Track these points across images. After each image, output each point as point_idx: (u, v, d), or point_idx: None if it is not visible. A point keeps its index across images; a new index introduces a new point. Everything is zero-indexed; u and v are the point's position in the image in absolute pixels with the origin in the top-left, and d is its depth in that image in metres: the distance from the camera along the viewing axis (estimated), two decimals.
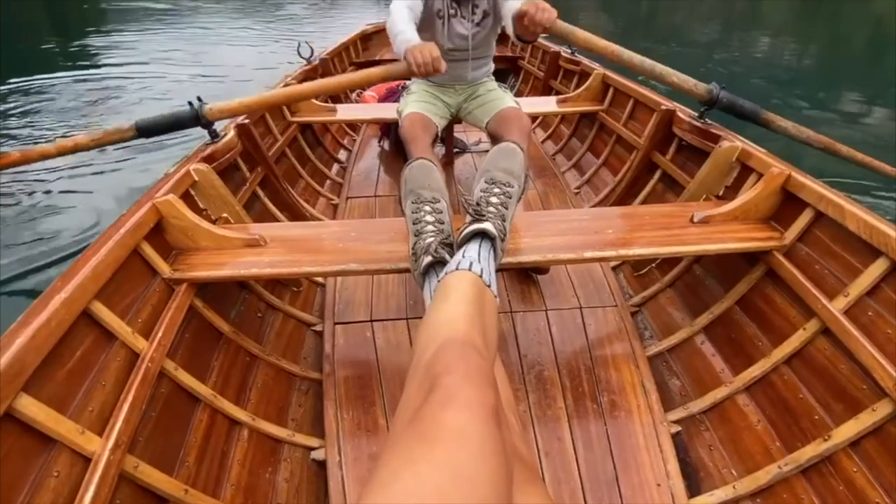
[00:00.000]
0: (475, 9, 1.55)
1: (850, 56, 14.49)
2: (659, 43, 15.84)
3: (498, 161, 1.00)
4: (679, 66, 1.50)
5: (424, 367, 0.53)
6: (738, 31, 20.97)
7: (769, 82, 8.73)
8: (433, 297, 0.77)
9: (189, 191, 1.27)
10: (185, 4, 23.05)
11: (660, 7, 34.67)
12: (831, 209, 1.09)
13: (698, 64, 10.90)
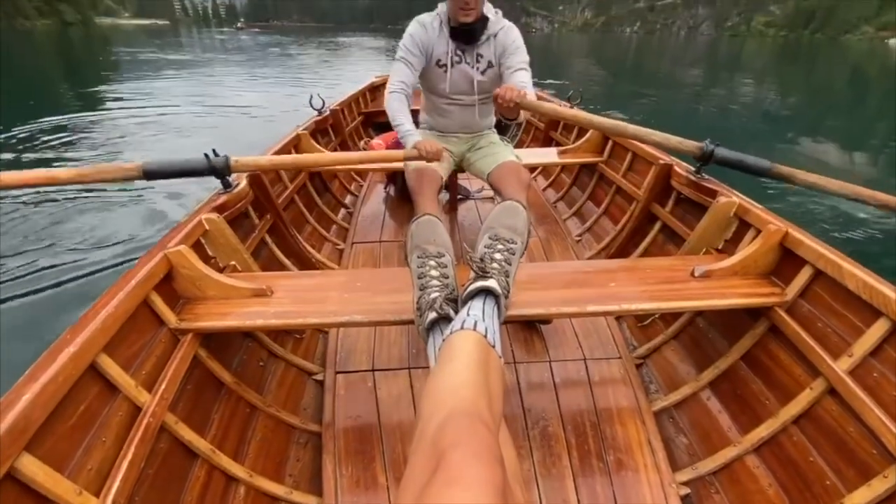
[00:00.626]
0: (480, 58, 1.61)
1: (832, 97, 15.00)
2: (647, 87, 16.48)
3: (502, 218, 1.03)
4: (668, 110, 1.52)
5: (430, 440, 0.53)
6: (722, 75, 21.92)
7: (756, 124, 8.96)
8: (437, 358, 0.78)
9: (200, 240, 1.29)
10: (203, 57, 24.19)
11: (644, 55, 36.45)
12: (829, 268, 1.09)
13: (686, 107, 11.23)
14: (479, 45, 1.57)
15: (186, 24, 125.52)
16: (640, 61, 29.33)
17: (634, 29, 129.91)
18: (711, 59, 32.55)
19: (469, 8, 1.46)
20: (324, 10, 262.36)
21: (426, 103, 1.81)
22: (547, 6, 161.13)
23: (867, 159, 6.52)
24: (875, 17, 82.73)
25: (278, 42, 37.03)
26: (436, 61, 1.60)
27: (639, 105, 10.41)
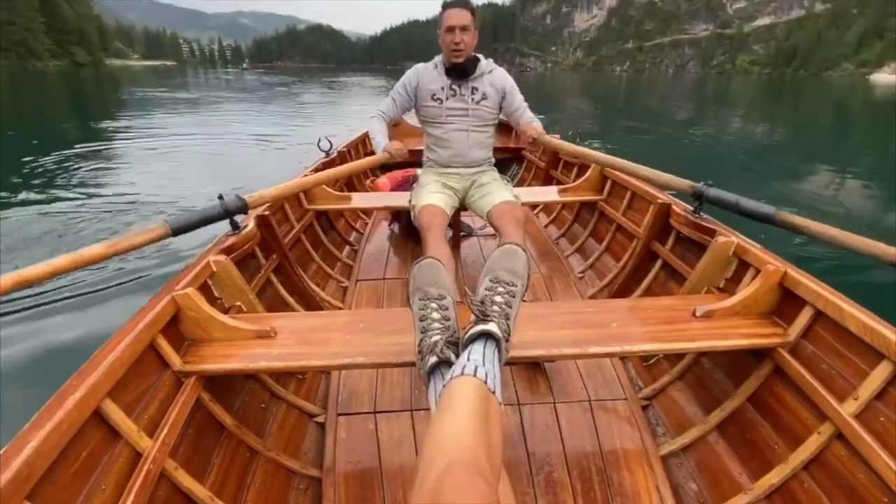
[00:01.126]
0: (475, 90, 1.81)
1: (818, 130, 15.52)
2: (639, 122, 16.97)
3: (502, 261, 1.05)
4: (660, 145, 1.60)
5: (430, 490, 0.54)
6: (710, 110, 22.66)
7: (746, 157, 9.18)
8: (438, 403, 0.78)
9: (207, 281, 1.31)
10: (211, 95, 24.78)
11: (635, 92, 37.79)
12: (830, 309, 1.09)
13: (678, 141, 11.55)
14: (473, 79, 1.80)
15: (193, 65, 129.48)
16: (630, 98, 30.36)
17: (624, 68, 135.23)
18: (699, 96, 33.75)
19: (459, 50, 1.71)
20: (325, 52, 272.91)
21: (427, 139, 1.95)
22: (540, 47, 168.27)
23: (856, 190, 6.70)
24: (854, 55, 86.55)
25: (283, 81, 38.31)
26: (430, 95, 1.81)
27: (631, 139, 10.71)
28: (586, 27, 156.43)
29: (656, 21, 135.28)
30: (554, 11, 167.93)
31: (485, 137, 1.91)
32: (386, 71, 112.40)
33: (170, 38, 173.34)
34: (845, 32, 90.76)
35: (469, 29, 1.70)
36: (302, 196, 2.31)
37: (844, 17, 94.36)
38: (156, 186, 5.36)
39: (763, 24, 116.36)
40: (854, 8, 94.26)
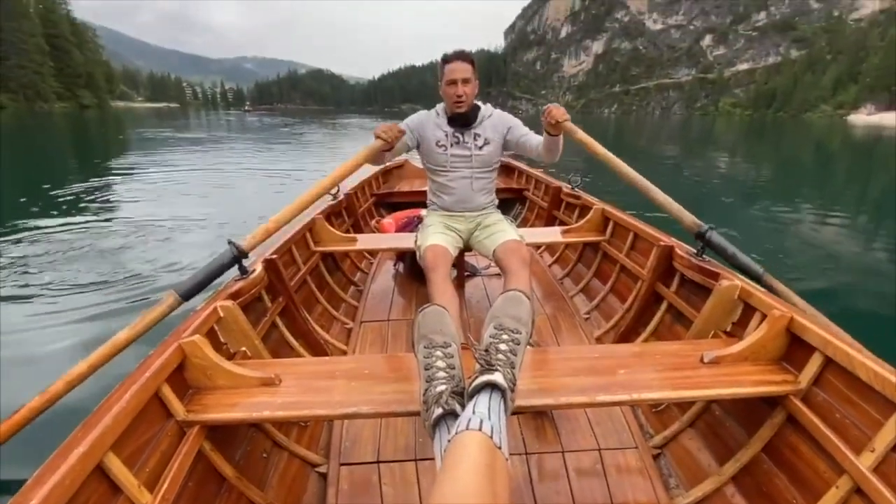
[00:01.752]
0: (477, 136, 1.86)
1: (801, 170, 16.08)
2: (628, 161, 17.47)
3: (506, 308, 1.04)
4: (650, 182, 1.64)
5: None
6: (697, 149, 23.48)
7: (733, 194, 9.50)
8: (443, 459, 0.77)
9: (214, 327, 1.32)
10: (215, 135, 25.26)
11: (623, 133, 39.14)
12: (839, 356, 1.07)
13: (667, 178, 11.91)
14: (475, 126, 1.85)
15: (196, 107, 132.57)
16: (619, 138, 31.38)
17: (612, 110, 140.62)
18: (685, 136, 34.96)
19: (461, 101, 1.76)
20: (324, 95, 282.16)
21: (431, 185, 1.99)
22: (531, 90, 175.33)
23: (840, 224, 6.92)
24: (831, 97, 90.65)
25: (284, 122, 39.38)
26: (436, 143, 1.86)
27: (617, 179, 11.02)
28: (575, 72, 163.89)
29: (641, 66, 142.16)
30: (543, 58, 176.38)
31: (488, 182, 1.95)
32: (383, 113, 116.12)
33: (174, 82, 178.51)
34: (821, 77, 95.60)
35: (470, 80, 1.75)
36: (308, 237, 2.34)
37: (819, 63, 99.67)
38: (166, 231, 5.30)
39: (742, 69, 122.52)
40: (828, 54, 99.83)
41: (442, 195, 1.94)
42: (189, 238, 5.05)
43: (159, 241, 4.88)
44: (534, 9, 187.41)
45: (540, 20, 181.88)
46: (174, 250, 4.56)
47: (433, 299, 1.50)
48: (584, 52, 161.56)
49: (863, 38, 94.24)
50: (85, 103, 59.23)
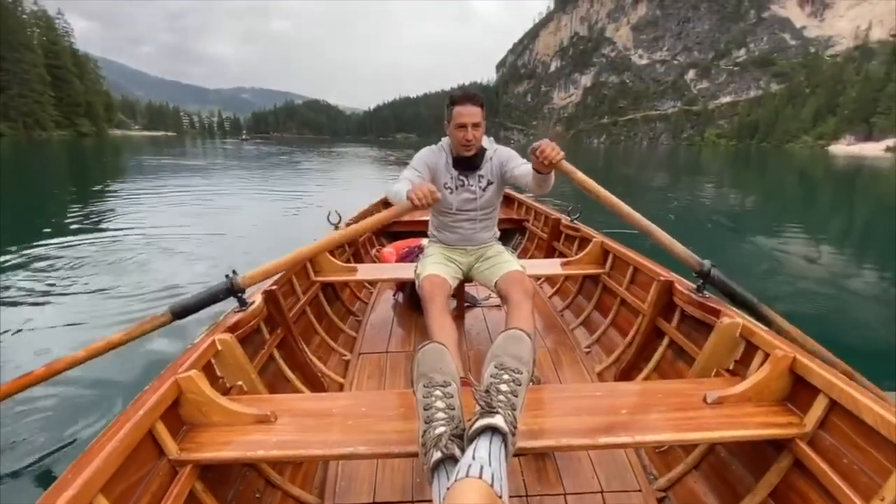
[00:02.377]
0: (481, 178, 1.83)
1: (787, 198, 16.55)
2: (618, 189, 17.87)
3: (507, 347, 1.03)
4: (640, 211, 1.61)
5: None
6: (684, 179, 24.14)
7: (722, 221, 9.73)
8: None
9: (211, 361, 1.31)
10: (215, 162, 25.36)
11: (613, 162, 40.08)
12: (844, 398, 1.06)
13: (657, 207, 12.20)
14: (481, 168, 1.82)
15: (192, 136, 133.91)
16: (609, 167, 32.11)
17: (601, 140, 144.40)
18: (673, 165, 35.86)
19: (470, 145, 1.72)
20: (320, 124, 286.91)
21: (434, 220, 1.98)
22: (522, 121, 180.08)
23: (830, 251, 7.13)
24: (812, 129, 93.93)
25: (282, 151, 39.87)
26: (443, 185, 1.82)
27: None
28: (564, 104, 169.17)
29: (628, 99, 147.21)
30: (534, 90, 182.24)
31: (490, 220, 1.94)
32: (378, 142, 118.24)
33: (171, 111, 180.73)
34: (800, 109, 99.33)
35: (480, 124, 1.70)
36: (309, 267, 2.32)
37: (798, 96, 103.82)
38: (162, 258, 5.33)
39: (725, 102, 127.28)
40: (806, 88, 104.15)
41: (445, 232, 1.94)
42: (182, 261, 5.07)
43: (151, 262, 4.91)
44: (524, 44, 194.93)
45: (530, 55, 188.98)
46: (170, 272, 4.60)
47: (430, 331, 1.49)
48: (573, 85, 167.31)
49: (839, 72, 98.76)
50: (83, 131, 59.93)
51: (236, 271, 1.47)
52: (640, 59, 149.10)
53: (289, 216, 8.62)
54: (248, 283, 1.47)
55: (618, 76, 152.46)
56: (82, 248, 5.55)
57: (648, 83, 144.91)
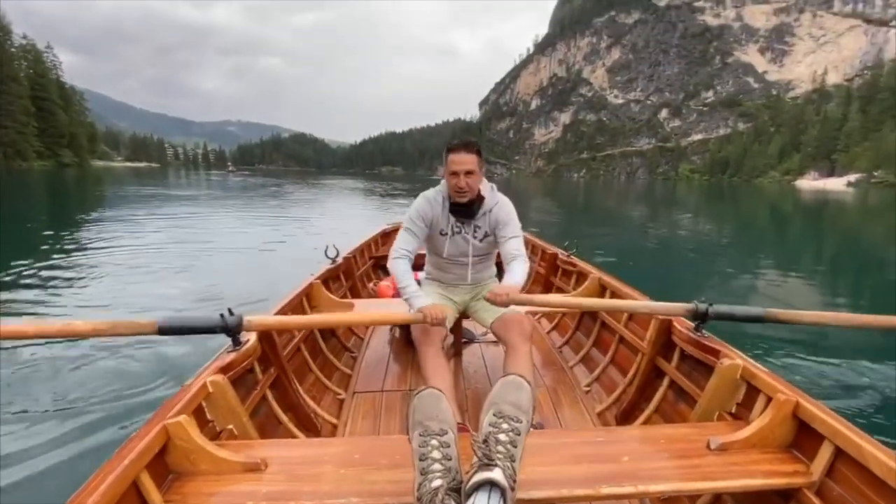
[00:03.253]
0: (477, 228, 1.81)
1: (760, 230, 17.28)
2: (598, 225, 18.51)
3: (506, 394, 1.00)
4: (618, 244, 1.80)
5: None
6: (662, 212, 25.03)
7: (700, 253, 10.11)
8: None
9: (201, 404, 1.27)
10: (208, 192, 24.98)
11: (593, 195, 41.27)
12: (850, 447, 1.02)
13: (636, 238, 12.61)
14: (477, 218, 1.79)
15: (176, 167, 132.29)
16: (589, 200, 33.03)
17: (581, 174, 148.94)
18: (650, 199, 37.09)
19: (464, 192, 1.70)
20: (306, 157, 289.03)
21: (430, 259, 1.98)
22: (505, 156, 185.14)
23: (802, 279, 7.46)
24: (779, 164, 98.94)
25: (269, 183, 40.00)
26: (439, 230, 1.82)
27: (594, 238, 11.62)
28: (545, 140, 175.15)
29: (606, 136, 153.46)
30: (516, 127, 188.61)
31: (487, 263, 1.94)
32: (364, 175, 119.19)
33: (155, 143, 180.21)
34: (767, 146, 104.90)
35: (474, 172, 1.68)
36: (305, 303, 2.27)
37: (764, 134, 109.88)
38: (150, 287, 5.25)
39: (697, 139, 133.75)
40: (771, 127, 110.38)
41: (440, 272, 1.95)
42: (163, 292, 4.96)
43: (130, 295, 4.78)
44: (506, 83, 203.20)
45: (511, 94, 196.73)
46: (151, 304, 4.50)
47: (425, 374, 1.48)
48: (553, 123, 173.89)
49: (800, 113, 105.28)
50: (65, 162, 59.39)
51: (232, 311, 1.42)
52: (615, 98, 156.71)
53: (276, 244, 8.64)
54: (247, 328, 1.45)
55: (595, 114, 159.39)
56: (55, 282, 5.38)
57: (624, 121, 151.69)
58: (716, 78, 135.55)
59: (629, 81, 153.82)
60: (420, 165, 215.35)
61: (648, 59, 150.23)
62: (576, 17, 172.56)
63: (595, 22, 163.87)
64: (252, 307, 3.70)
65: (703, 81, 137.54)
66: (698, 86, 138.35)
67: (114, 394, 2.75)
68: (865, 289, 7.25)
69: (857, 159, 79.21)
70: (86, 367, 3.10)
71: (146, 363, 3.15)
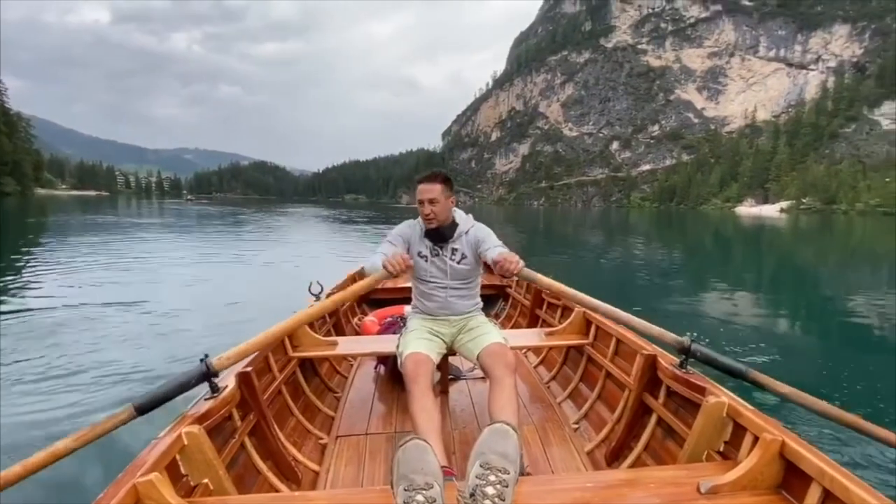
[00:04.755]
0: (455, 251, 1.90)
1: (706, 252, 18.55)
2: (559, 246, 19.26)
3: (492, 444, 0.98)
4: (578, 269, 1.95)
5: None
6: (617, 237, 26.27)
7: (654, 276, 10.75)
8: None
9: (176, 457, 1.19)
10: (169, 221, 23.14)
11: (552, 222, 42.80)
12: (837, 489, 1.01)
13: (594, 262, 13.23)
14: (453, 241, 1.91)
15: (127, 196, 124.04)
16: (549, 227, 34.26)
17: (540, 202, 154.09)
18: (606, 225, 38.90)
19: (430, 219, 1.84)
20: (267, 185, 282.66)
21: (415, 290, 2.04)
22: (468, 185, 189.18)
23: (748, 299, 8.12)
24: (720, 192, 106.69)
25: (230, 212, 39.15)
26: (417, 252, 1.93)
27: (555, 263, 12.13)
28: (506, 170, 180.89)
29: (562, 166, 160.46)
30: (477, 157, 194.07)
31: (469, 291, 1.98)
32: (327, 202, 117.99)
33: (104, 170, 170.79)
34: (708, 176, 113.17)
35: (438, 200, 1.81)
36: (287, 342, 2.19)
37: (705, 165, 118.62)
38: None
39: (646, 169, 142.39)
40: (711, 158, 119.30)
41: (424, 301, 1.99)
42: (122, 340, 4.50)
43: (76, 343, 4.28)
44: (467, 115, 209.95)
45: (473, 125, 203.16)
46: (110, 355, 3.99)
47: (413, 415, 1.48)
48: (513, 153, 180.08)
49: (736, 146, 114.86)
50: (6, 191, 55.89)
51: (203, 359, 1.35)
52: (570, 131, 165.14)
53: (248, 282, 8.45)
54: (223, 366, 1.37)
55: (552, 146, 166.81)
56: None
57: (579, 152, 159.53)
58: (660, 113, 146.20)
59: (582, 115, 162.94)
60: (384, 193, 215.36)
61: (599, 95, 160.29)
62: (531, 55, 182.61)
63: (549, 60, 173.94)
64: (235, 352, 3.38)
65: (649, 116, 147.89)
66: (645, 120, 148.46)
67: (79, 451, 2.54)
68: (801, 304, 8.02)
69: (787, 188, 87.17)
70: (46, 415, 2.88)
71: (112, 407, 2.89)
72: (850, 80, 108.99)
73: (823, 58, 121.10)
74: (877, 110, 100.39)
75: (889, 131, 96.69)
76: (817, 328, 6.29)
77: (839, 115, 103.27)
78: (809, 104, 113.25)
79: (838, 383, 3.83)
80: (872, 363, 4.57)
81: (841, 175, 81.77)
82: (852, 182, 78.74)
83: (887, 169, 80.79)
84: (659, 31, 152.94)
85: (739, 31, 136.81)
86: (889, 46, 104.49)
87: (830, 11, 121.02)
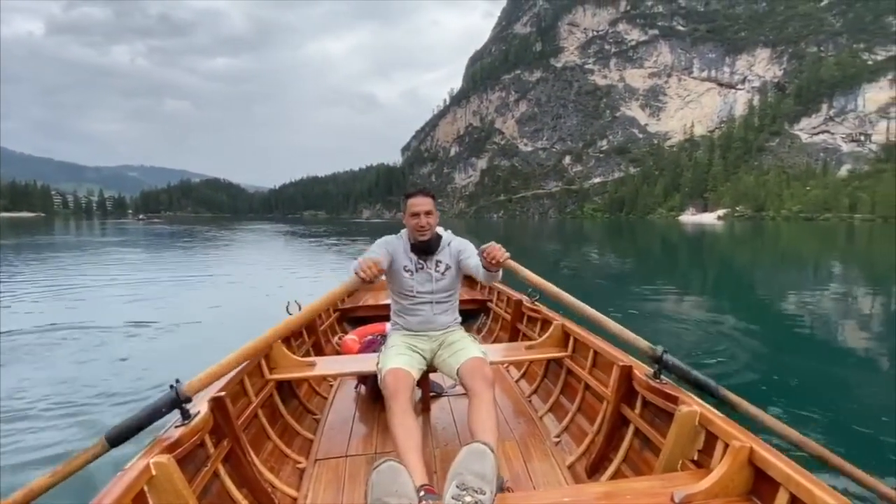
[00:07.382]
0: (438, 263, 1.92)
1: (654, 258, 19.71)
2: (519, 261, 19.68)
3: (469, 463, 0.97)
4: (540, 276, 1.72)
5: None
6: (573, 246, 27.25)
7: (607, 284, 11.40)
8: None
9: (143, 489, 1.13)
10: (140, 240, 21.30)
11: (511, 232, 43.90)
12: (803, 494, 1.03)
13: (550, 271, 13.90)
14: (439, 253, 1.94)
15: (65, 217, 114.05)
16: (509, 238, 35.20)
17: (500, 215, 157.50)
18: (562, 235, 40.42)
19: (424, 230, 1.86)
20: (220, 203, 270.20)
21: (395, 306, 2.02)
22: None
23: (695, 299, 8.80)
24: (664, 202, 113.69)
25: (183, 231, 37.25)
26: (402, 266, 1.92)
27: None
28: (465, 184, 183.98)
29: (519, 179, 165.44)
30: (437, 171, 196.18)
31: (451, 305, 2.01)
32: (285, 219, 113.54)
33: (40, 190, 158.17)
34: (654, 187, 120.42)
35: (432, 212, 1.86)
36: (263, 364, 2.13)
37: (650, 177, 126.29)
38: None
39: (597, 182, 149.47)
40: (655, 170, 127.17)
41: (406, 316, 1.98)
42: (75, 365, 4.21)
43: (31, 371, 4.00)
44: (426, 131, 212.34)
45: (432, 141, 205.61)
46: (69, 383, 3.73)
47: (394, 433, 1.47)
48: (471, 168, 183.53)
49: (676, 159, 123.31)
50: None
51: (174, 385, 1.30)
52: (525, 146, 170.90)
53: (213, 304, 8.34)
54: (195, 390, 1.33)
55: (508, 160, 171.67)
56: None
57: (534, 166, 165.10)
58: (608, 129, 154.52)
59: (536, 131, 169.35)
60: (345, 209, 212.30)
61: (550, 112, 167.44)
62: (486, 73, 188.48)
63: (503, 78, 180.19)
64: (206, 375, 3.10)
65: (598, 132, 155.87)
66: (594, 135, 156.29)
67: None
68: (740, 301, 8.84)
69: (723, 197, 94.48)
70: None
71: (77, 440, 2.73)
72: (772, 99, 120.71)
73: (749, 78, 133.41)
74: (796, 125, 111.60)
75: (807, 144, 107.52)
76: (756, 326, 6.61)
77: (764, 130, 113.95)
78: (739, 120, 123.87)
79: (769, 375, 4.19)
80: (803, 355, 5.05)
81: (768, 185, 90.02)
82: (778, 191, 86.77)
83: (807, 178, 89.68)
84: (603, 53, 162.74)
85: (675, 53, 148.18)
86: (805, 68, 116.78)
87: (753, 36, 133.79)
